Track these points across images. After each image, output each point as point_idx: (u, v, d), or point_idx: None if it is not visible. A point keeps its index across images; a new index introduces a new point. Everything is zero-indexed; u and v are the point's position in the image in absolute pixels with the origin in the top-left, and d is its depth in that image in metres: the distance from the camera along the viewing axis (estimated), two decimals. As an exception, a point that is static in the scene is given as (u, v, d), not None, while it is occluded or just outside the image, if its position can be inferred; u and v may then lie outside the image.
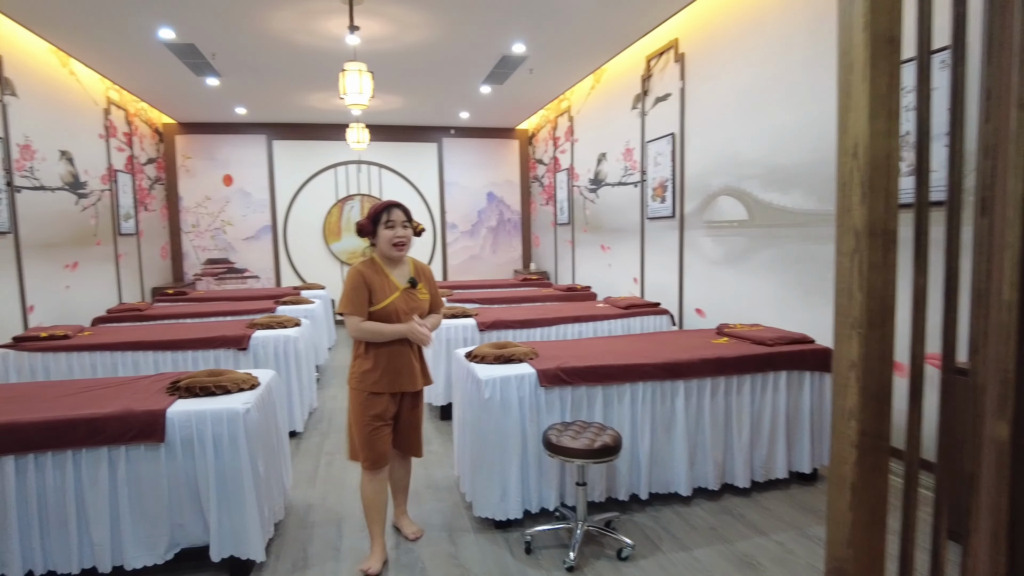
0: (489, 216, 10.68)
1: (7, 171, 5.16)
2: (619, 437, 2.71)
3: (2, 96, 5.18)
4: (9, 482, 2.47)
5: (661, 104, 6.01)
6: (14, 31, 5.35)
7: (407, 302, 2.74)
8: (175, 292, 7.67)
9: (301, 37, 5.64)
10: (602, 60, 6.88)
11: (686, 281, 5.66)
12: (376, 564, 2.72)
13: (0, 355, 4.17)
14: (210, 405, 2.64)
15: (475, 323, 4.80)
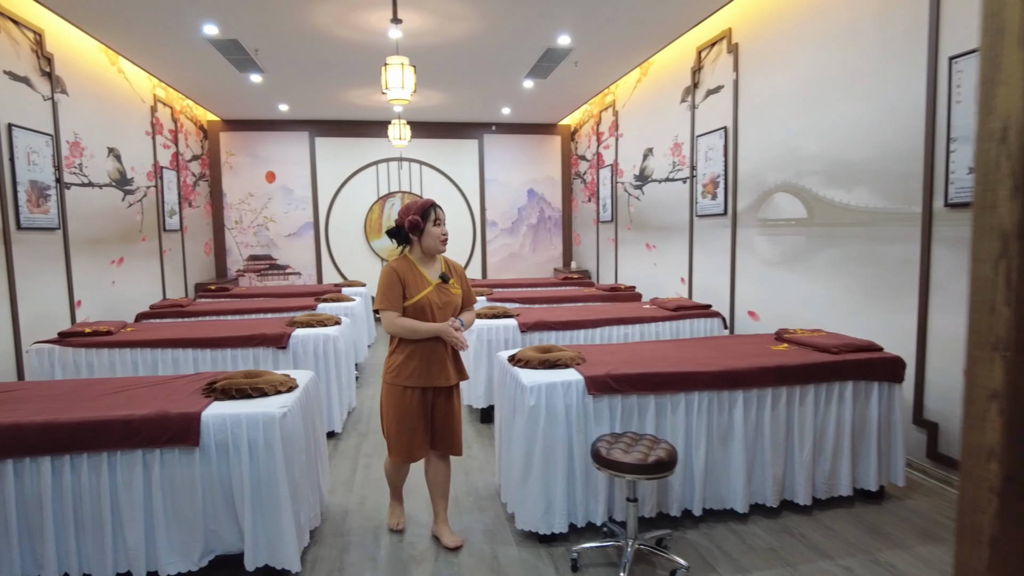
0: (529, 213, 10.52)
1: (57, 168, 5.21)
2: (674, 451, 2.53)
3: (53, 94, 5.24)
4: (46, 483, 2.42)
5: (713, 97, 5.75)
6: (65, 30, 5.41)
7: (440, 296, 2.80)
8: (217, 288, 7.73)
9: (343, 31, 5.57)
10: (650, 52, 6.64)
11: (738, 282, 5.40)
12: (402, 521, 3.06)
13: (46, 350, 4.20)
14: (246, 408, 2.55)
15: (516, 324, 4.65)
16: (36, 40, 5.02)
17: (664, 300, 5.42)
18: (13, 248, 4.60)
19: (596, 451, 2.56)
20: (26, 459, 2.40)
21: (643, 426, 2.92)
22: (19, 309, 4.63)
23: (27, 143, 4.82)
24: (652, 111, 7.07)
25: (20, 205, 4.70)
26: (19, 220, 4.67)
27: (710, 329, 5.04)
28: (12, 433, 2.39)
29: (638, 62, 7.06)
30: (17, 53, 4.79)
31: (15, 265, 4.61)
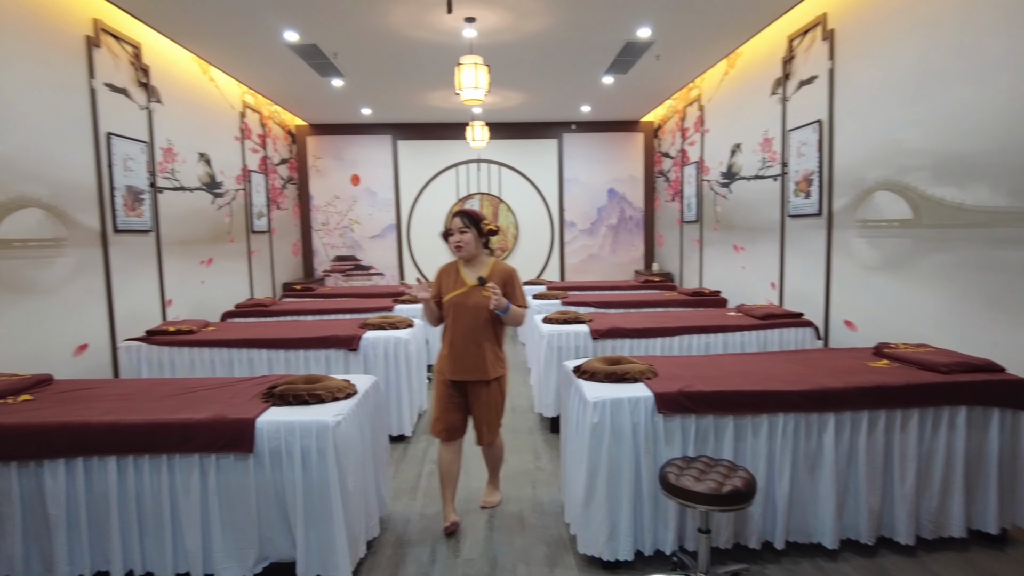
0: (609, 214, 10.25)
1: (151, 173, 5.48)
2: (753, 480, 2.28)
3: (149, 104, 5.51)
4: (112, 481, 2.47)
5: (806, 88, 5.33)
6: (161, 43, 5.68)
7: (472, 298, 3.03)
8: (302, 288, 7.96)
9: (418, 32, 5.55)
10: (737, 43, 6.26)
11: (834, 288, 4.97)
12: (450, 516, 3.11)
13: (134, 347, 4.39)
14: (300, 416, 2.51)
15: (588, 330, 4.46)
16: (134, 53, 5.29)
17: (751, 307, 5.08)
18: (110, 249, 4.86)
19: (665, 477, 2.34)
20: (94, 457, 2.47)
21: (719, 450, 2.68)
22: (115, 307, 4.88)
23: (124, 150, 5.08)
24: (740, 105, 6.67)
25: (117, 209, 4.96)
26: (116, 223, 4.93)
27: (801, 340, 4.66)
28: (82, 432, 2.46)
29: (724, 53, 6.68)
30: (117, 66, 5.06)
31: (112, 265, 4.87)
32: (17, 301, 3.93)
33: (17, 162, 3.96)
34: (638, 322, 4.66)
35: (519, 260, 10.19)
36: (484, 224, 3.13)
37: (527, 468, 3.88)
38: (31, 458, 2.45)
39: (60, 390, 3.02)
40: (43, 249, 4.18)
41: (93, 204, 4.70)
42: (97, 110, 4.76)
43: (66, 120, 4.45)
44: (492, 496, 3.39)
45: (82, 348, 4.52)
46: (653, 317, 4.97)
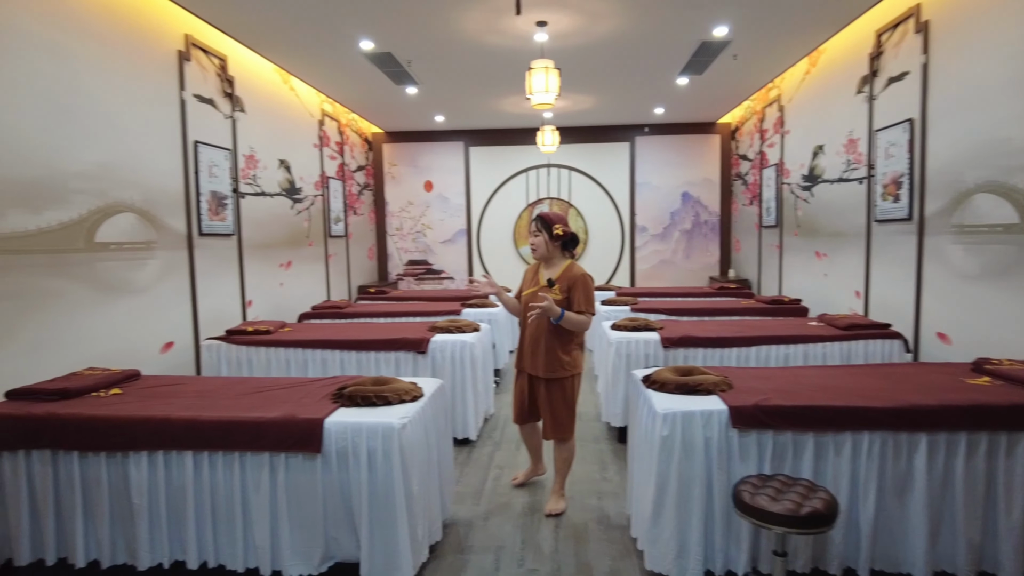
0: (683, 218, 9.99)
1: (234, 179, 5.72)
2: (834, 503, 2.13)
3: (233, 113, 5.76)
4: (188, 475, 2.57)
5: (895, 85, 5.02)
6: (244, 55, 5.94)
7: (535, 298, 3.20)
8: (376, 291, 8.14)
9: (490, 37, 5.57)
10: (820, 40, 5.97)
11: (925, 298, 4.64)
12: (522, 476, 3.70)
13: (215, 346, 4.58)
14: (367, 417, 2.53)
15: (658, 338, 4.33)
16: (220, 65, 5.55)
17: (834, 317, 4.81)
18: (195, 252, 5.10)
19: (738, 495, 2.23)
20: (173, 452, 2.57)
21: (798, 468, 2.52)
22: (199, 307, 5.12)
23: (209, 158, 5.33)
24: (822, 105, 6.35)
25: (202, 213, 5.20)
26: (201, 226, 5.17)
27: (888, 353, 4.37)
28: (163, 426, 2.56)
29: (806, 52, 6.39)
30: (204, 77, 5.32)
31: (196, 267, 5.11)
32: (113, 300, 4.18)
33: (115, 170, 4.21)
34: (712, 331, 4.50)
35: (588, 265, 10.07)
36: (555, 228, 3.28)
37: (593, 478, 3.80)
38: (118, 449, 2.58)
39: (146, 385, 3.18)
40: (136, 251, 4.43)
41: (180, 209, 4.95)
42: (186, 120, 5.01)
43: (158, 129, 4.71)
44: (557, 503, 3.36)
45: (168, 346, 4.75)
46: (728, 326, 4.78)
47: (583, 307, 3.18)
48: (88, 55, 4.01)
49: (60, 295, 3.74)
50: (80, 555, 2.67)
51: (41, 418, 2.63)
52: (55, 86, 3.73)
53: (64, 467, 2.64)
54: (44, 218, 3.64)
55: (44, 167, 3.64)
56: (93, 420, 2.60)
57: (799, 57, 6.58)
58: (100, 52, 4.11)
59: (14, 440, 2.63)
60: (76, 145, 3.89)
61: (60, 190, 3.75)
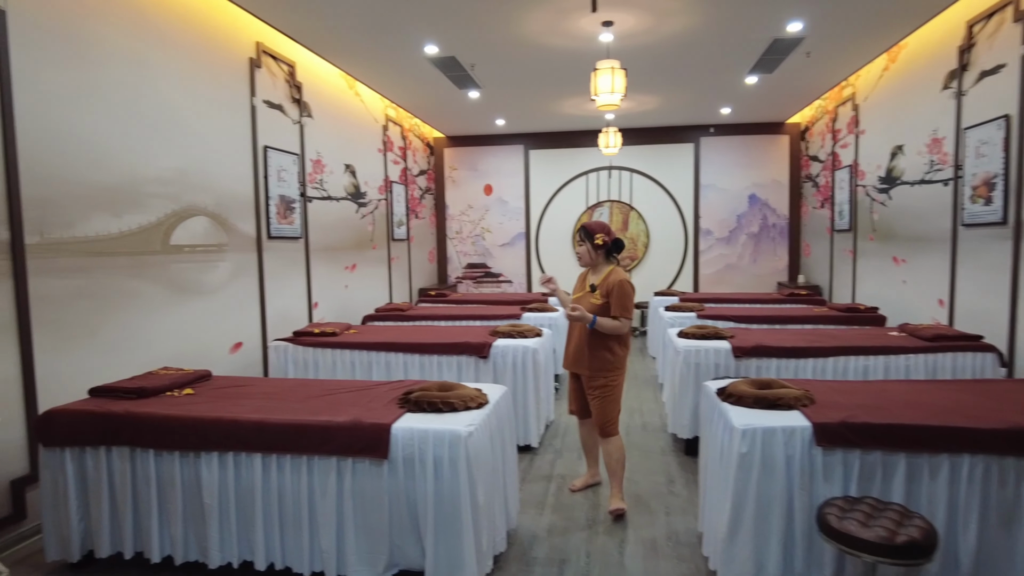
0: (750, 221, 9.67)
1: (301, 184, 5.84)
2: (933, 531, 1.96)
3: (301, 118, 5.88)
4: (257, 477, 2.59)
5: (989, 79, 4.69)
6: (312, 61, 6.06)
7: (584, 301, 3.45)
8: (436, 293, 8.19)
9: (554, 39, 5.51)
10: (902, 34, 5.66)
11: (1022, 309, 4.32)
12: (580, 483, 3.73)
13: (282, 347, 4.67)
14: (434, 424, 2.50)
15: (729, 347, 4.17)
16: (289, 72, 5.67)
17: (917, 327, 4.53)
18: (264, 254, 5.22)
19: (824, 518, 2.08)
20: (243, 453, 2.60)
21: (888, 492, 2.35)
22: (267, 308, 5.24)
23: (278, 162, 5.45)
24: (902, 102, 6.02)
25: (271, 217, 5.32)
26: (269, 230, 5.29)
27: (980, 367, 4.08)
28: (233, 427, 2.60)
29: (885, 47, 6.06)
30: (274, 84, 5.45)
31: (265, 270, 5.23)
32: (185, 301, 4.31)
33: (189, 174, 4.35)
34: (786, 340, 4.30)
35: (650, 270, 9.88)
36: (596, 238, 3.46)
37: (660, 492, 3.68)
38: (191, 449, 2.63)
39: (217, 386, 3.24)
40: (208, 254, 4.55)
41: (250, 212, 5.07)
42: (256, 125, 5.14)
43: (230, 135, 4.84)
44: (616, 502, 3.39)
45: (237, 346, 4.87)
46: (803, 335, 4.56)
47: (618, 312, 3.33)
48: (165, 64, 4.15)
49: (138, 295, 3.88)
50: (155, 550, 2.73)
51: (120, 416, 2.71)
52: (135, 95, 3.88)
53: (141, 464, 2.72)
54: (124, 221, 3.78)
55: (125, 172, 3.78)
56: (168, 420, 2.66)
57: (877, 53, 6.26)
58: (176, 61, 4.25)
59: (96, 436, 2.72)
60: (153, 151, 4.03)
61: (138, 194, 3.89)
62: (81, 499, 2.77)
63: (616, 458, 3.41)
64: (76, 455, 2.76)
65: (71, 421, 2.72)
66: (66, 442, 2.73)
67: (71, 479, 2.74)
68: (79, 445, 2.74)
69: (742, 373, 4.12)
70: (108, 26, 3.68)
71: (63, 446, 2.74)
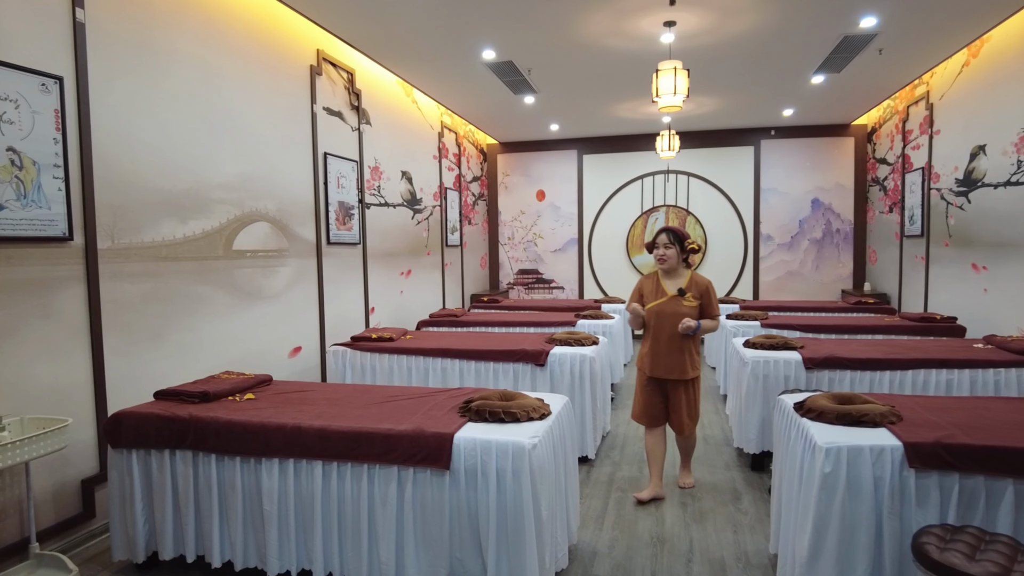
0: (813, 226, 9.31)
1: (360, 190, 5.88)
2: (1050, 567, 1.78)
3: (359, 125, 5.93)
4: (317, 485, 2.56)
5: (1086, 74, 4.37)
6: (370, 68, 6.12)
7: (671, 306, 3.48)
8: (488, 300, 8.15)
9: (614, 41, 5.40)
10: (986, 26, 5.33)
11: (1126, 320, 3.98)
12: (646, 495, 3.60)
13: (340, 352, 4.69)
14: (497, 435, 2.42)
15: (800, 358, 3.97)
16: (348, 79, 5.73)
17: (1006, 339, 4.23)
18: (323, 260, 5.26)
19: (921, 548, 1.91)
20: (304, 460, 2.58)
21: (991, 521, 2.16)
22: (325, 313, 5.28)
23: (338, 169, 5.50)
24: (985, 100, 5.67)
25: (330, 223, 5.37)
26: (328, 235, 5.34)
27: (1080, 382, 3.77)
28: (295, 434, 2.58)
29: (966, 42, 5.73)
30: (334, 91, 5.51)
31: (324, 275, 5.27)
32: (247, 306, 4.36)
33: (252, 181, 4.42)
34: (860, 351, 4.07)
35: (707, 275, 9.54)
36: (688, 243, 3.52)
37: (727, 510, 3.51)
38: (252, 455, 2.63)
39: (278, 391, 3.25)
40: (269, 259, 4.61)
41: (310, 218, 5.12)
42: (316, 132, 5.19)
43: (291, 142, 4.90)
44: (687, 478, 3.81)
45: (296, 350, 4.92)
46: (877, 345, 4.32)
47: (716, 311, 3.54)
48: (230, 72, 4.22)
49: (202, 300, 3.94)
50: (216, 555, 2.73)
51: (184, 420, 2.73)
52: (202, 102, 3.95)
53: (203, 468, 2.73)
54: (190, 227, 3.84)
55: (191, 179, 3.85)
56: (230, 425, 2.66)
57: (956, 49, 5.93)
58: (241, 69, 4.32)
59: (162, 439, 2.74)
60: (219, 158, 4.10)
61: (204, 200, 3.96)
62: (146, 501, 2.80)
63: (692, 444, 3.80)
64: (142, 457, 2.79)
65: (138, 424, 2.75)
66: (133, 444, 2.77)
67: (137, 480, 2.78)
68: (145, 447, 2.77)
69: (813, 386, 3.91)
70: (178, 35, 3.76)
71: (130, 448, 2.77)
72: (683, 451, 3.80)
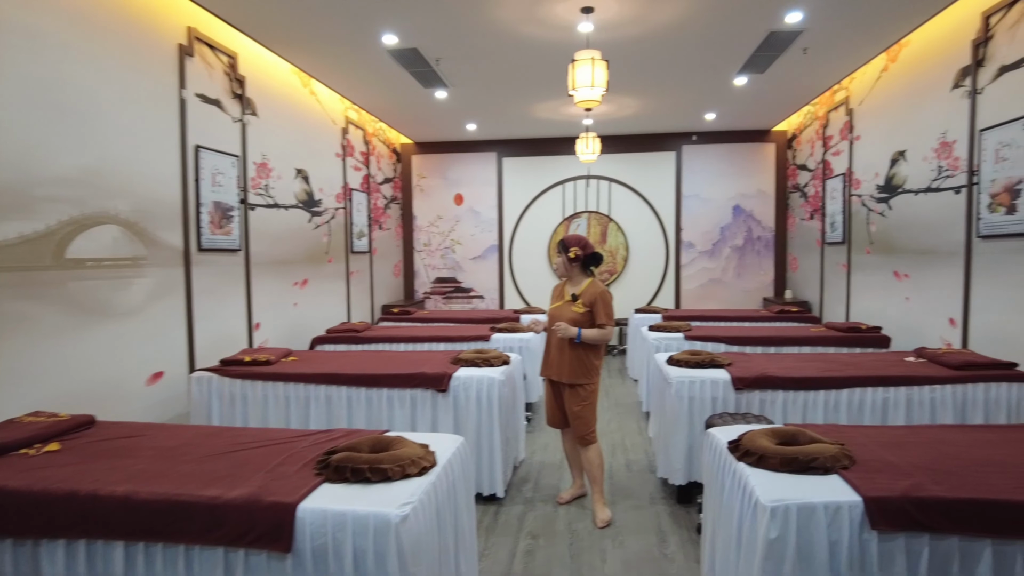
0: (734, 233, 9.17)
1: (242, 189, 5.16)
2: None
3: (243, 116, 5.22)
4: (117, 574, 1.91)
5: (1010, 75, 4.21)
6: (260, 54, 5.42)
7: (563, 311, 3.53)
8: (400, 311, 7.53)
9: (529, 29, 4.93)
10: (906, 28, 5.18)
11: (1056, 331, 3.81)
12: (567, 495, 3.69)
13: (206, 379, 3.98)
14: (357, 502, 1.85)
15: (728, 377, 3.57)
16: (229, 63, 5.01)
17: (938, 352, 3.99)
18: (193, 269, 4.53)
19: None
20: (99, 541, 1.92)
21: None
22: (195, 331, 4.54)
23: (213, 164, 4.78)
24: (904, 105, 5.54)
25: (202, 226, 4.64)
26: (200, 241, 4.60)
27: (1015, 400, 3.54)
28: (90, 505, 1.92)
29: (886, 45, 5.60)
30: (211, 76, 4.78)
31: (194, 286, 4.53)
32: (90, 325, 3.60)
33: (100, 176, 3.66)
34: (793, 368, 3.71)
35: (629, 285, 9.32)
36: (570, 251, 3.54)
37: (652, 555, 3.05)
38: (28, 535, 1.94)
39: (97, 437, 2.56)
40: (120, 269, 3.86)
41: (177, 221, 4.38)
42: (186, 121, 4.46)
43: (153, 131, 4.16)
44: (601, 512, 3.47)
45: (157, 376, 4.16)
46: (811, 362, 3.98)
47: (604, 319, 3.48)
48: (71, 44, 3.47)
49: (22, 320, 3.17)
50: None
51: (-60, 486, 2.01)
52: (31, 79, 3.20)
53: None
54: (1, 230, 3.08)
55: (11, 171, 3.09)
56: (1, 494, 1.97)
57: (876, 52, 5.80)
58: (84, 41, 3.57)
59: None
60: (51, 147, 3.34)
61: (25, 198, 3.19)
62: None
63: (597, 464, 3.54)
64: None
65: None
66: None
67: None
68: None
69: (743, 408, 3.53)
70: (-22, -10, 3.01)
71: None
72: (589, 474, 3.56)
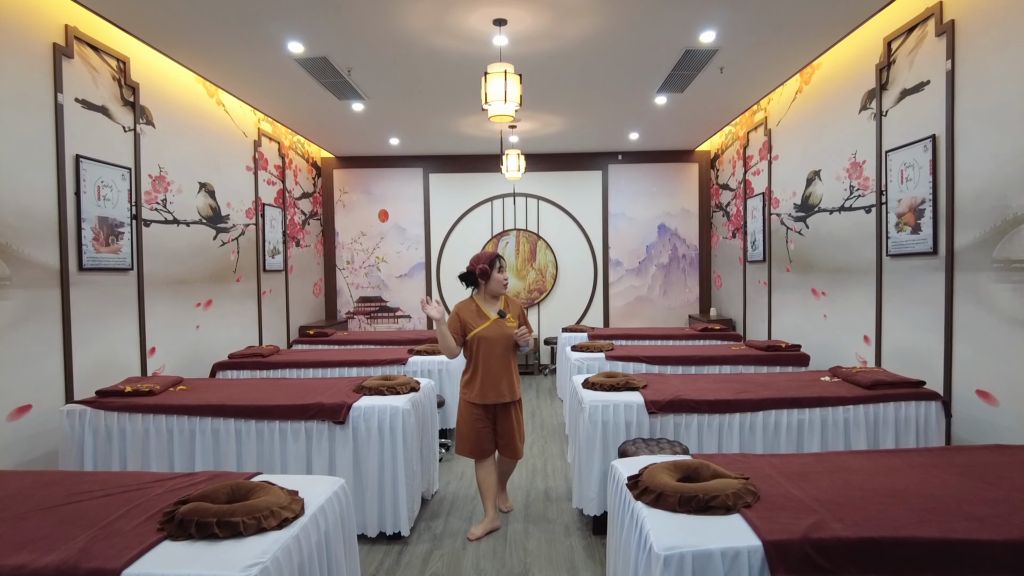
0: (660, 251, 9.22)
1: (134, 204, 4.76)
2: None
3: (136, 125, 4.83)
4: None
5: (911, 98, 4.31)
6: (156, 60, 5.04)
7: (496, 330, 3.48)
8: (316, 333, 7.15)
9: (442, 39, 4.76)
10: (816, 51, 5.29)
11: (959, 347, 3.85)
12: (480, 530, 3.47)
13: (78, 412, 3.56)
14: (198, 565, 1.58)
15: (642, 401, 3.44)
16: (119, 68, 4.63)
17: (851, 371, 3.98)
18: (72, 291, 4.10)
19: None
20: None
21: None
22: (74, 359, 4.10)
23: (98, 176, 4.37)
24: (818, 126, 5.65)
25: (84, 243, 4.22)
26: (82, 260, 4.18)
27: (923, 418, 3.54)
28: None
29: (798, 67, 5.71)
30: (95, 80, 4.40)
31: (73, 310, 4.11)
32: (-73, 356, 3.16)
33: (-57, 185, 3.25)
34: (708, 391, 3.61)
35: (559, 303, 9.23)
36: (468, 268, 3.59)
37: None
38: None
39: (-92, 490, 2.17)
40: (-26, 291, 3.43)
41: (51, 237, 3.96)
42: (62, 129, 4.06)
43: (19, 139, 3.75)
44: (506, 502, 3.85)
45: (22, 410, 3.71)
46: (726, 383, 3.89)
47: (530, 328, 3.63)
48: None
49: None
50: None
51: None
52: None
53: None
54: None
55: None
56: None
57: (790, 74, 5.91)
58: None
59: None
60: None
61: None
62: None
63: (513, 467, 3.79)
64: None
65: None
66: None
67: None
68: None
69: (658, 433, 3.40)
70: None
71: None
72: (505, 473, 3.78)
